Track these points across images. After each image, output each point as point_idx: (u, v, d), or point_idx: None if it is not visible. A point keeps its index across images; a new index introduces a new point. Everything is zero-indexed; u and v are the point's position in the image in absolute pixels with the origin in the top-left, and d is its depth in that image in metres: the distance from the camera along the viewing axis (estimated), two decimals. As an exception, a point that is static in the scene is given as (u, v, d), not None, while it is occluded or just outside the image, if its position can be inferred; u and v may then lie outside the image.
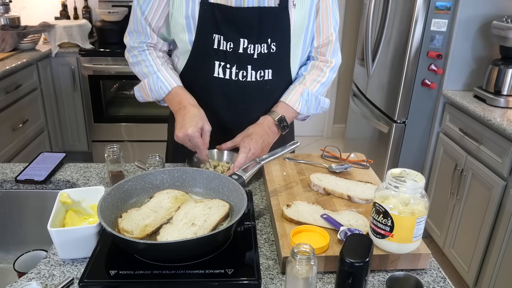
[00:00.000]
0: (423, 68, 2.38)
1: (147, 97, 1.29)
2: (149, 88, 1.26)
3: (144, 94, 1.29)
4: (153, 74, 1.25)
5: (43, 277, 0.85)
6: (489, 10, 2.23)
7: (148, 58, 1.27)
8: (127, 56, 1.32)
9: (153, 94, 1.26)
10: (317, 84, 1.31)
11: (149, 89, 1.26)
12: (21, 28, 3.02)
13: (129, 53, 1.31)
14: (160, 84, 1.24)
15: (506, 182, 1.89)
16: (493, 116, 1.99)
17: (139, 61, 1.28)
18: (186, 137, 1.14)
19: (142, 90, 1.29)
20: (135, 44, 1.28)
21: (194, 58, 1.25)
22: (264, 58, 1.23)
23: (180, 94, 1.23)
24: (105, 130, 3.26)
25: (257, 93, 1.27)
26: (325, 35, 1.30)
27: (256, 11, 1.18)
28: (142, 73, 1.28)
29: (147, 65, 1.27)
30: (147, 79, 1.26)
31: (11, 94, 2.61)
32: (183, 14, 1.19)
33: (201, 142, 1.15)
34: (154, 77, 1.25)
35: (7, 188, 1.22)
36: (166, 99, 1.26)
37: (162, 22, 1.25)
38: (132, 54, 1.30)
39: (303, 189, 1.12)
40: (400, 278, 0.81)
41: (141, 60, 1.28)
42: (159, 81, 1.24)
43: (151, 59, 1.27)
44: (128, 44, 1.30)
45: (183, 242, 0.81)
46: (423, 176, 0.86)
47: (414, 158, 2.60)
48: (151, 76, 1.25)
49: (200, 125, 1.15)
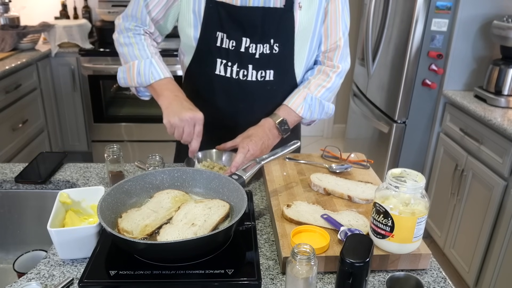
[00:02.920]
0: (424, 68, 2.38)
1: (130, 80, 1.23)
2: (137, 71, 1.21)
3: (128, 76, 1.24)
4: (146, 59, 1.21)
5: (43, 277, 0.85)
6: (489, 10, 2.23)
7: (142, 43, 1.24)
8: (117, 36, 1.27)
9: (140, 78, 1.21)
10: (322, 89, 1.30)
11: (136, 72, 1.21)
12: (21, 28, 3.02)
13: (121, 34, 1.26)
14: (152, 69, 1.20)
15: (506, 182, 1.89)
16: (494, 116, 1.99)
17: (132, 42, 1.24)
18: (181, 123, 1.11)
19: (128, 72, 1.24)
20: (130, 26, 1.25)
21: (198, 55, 1.25)
22: (265, 59, 1.23)
23: (175, 85, 1.21)
24: (105, 130, 3.26)
25: (258, 93, 1.27)
26: (333, 40, 1.29)
27: (260, 10, 1.17)
28: (132, 55, 1.23)
29: (139, 49, 1.23)
30: (137, 61, 1.22)
31: (11, 94, 2.61)
32: (191, 9, 1.19)
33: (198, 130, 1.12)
34: (147, 62, 1.21)
35: (7, 188, 1.22)
36: (153, 85, 1.21)
37: (161, 15, 1.24)
38: (125, 35, 1.25)
39: (303, 189, 1.11)
40: (400, 278, 0.81)
41: (134, 42, 1.24)
42: (152, 66, 1.20)
43: (146, 45, 1.24)
44: (122, 26, 1.26)
45: (183, 242, 0.81)
46: (423, 176, 0.86)
47: (415, 158, 2.60)
48: (143, 60, 1.21)
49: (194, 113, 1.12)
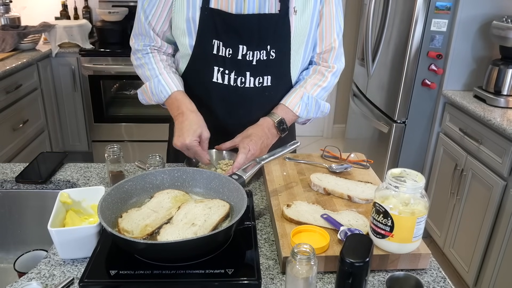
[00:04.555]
0: (423, 68, 2.38)
1: (150, 100, 1.29)
2: (151, 92, 1.26)
3: (147, 97, 1.29)
4: (155, 78, 1.25)
5: (43, 277, 0.85)
6: (489, 10, 2.23)
7: (151, 61, 1.27)
8: (132, 58, 1.32)
9: (155, 97, 1.26)
10: (317, 88, 1.30)
11: (150, 93, 1.26)
12: (22, 28, 3.02)
13: (134, 56, 1.31)
14: (160, 88, 1.23)
15: (506, 182, 1.90)
16: (493, 116, 2.00)
17: (142, 64, 1.28)
18: (184, 147, 1.14)
19: (145, 93, 1.29)
20: (139, 47, 1.29)
21: (194, 62, 1.25)
22: (263, 65, 1.23)
23: (179, 99, 1.22)
24: (105, 130, 3.26)
25: (256, 99, 1.27)
26: (327, 42, 1.29)
27: (256, 18, 1.17)
28: (144, 76, 1.28)
29: (149, 68, 1.27)
30: (148, 82, 1.26)
31: (12, 94, 2.62)
32: (184, 18, 1.19)
33: (200, 150, 1.15)
34: (156, 81, 1.24)
35: (7, 188, 1.22)
36: (166, 103, 1.26)
37: (166, 27, 1.25)
38: (136, 57, 1.30)
39: (303, 189, 1.12)
40: (400, 278, 0.81)
41: (144, 63, 1.28)
42: (160, 84, 1.23)
43: (154, 62, 1.27)
44: (133, 47, 1.31)
45: (183, 242, 0.81)
46: (423, 176, 0.86)
47: (414, 158, 2.60)
48: (152, 80, 1.25)
49: (198, 133, 1.15)
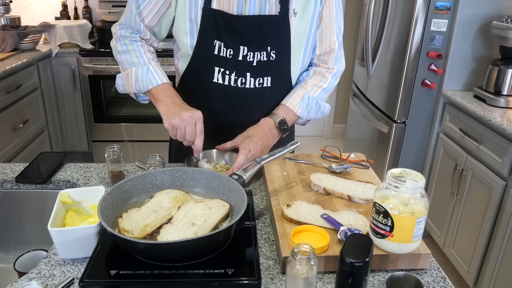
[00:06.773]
0: (423, 68, 2.38)
1: (129, 87, 1.25)
2: (135, 78, 1.22)
3: (127, 83, 1.25)
4: (144, 65, 1.22)
5: (43, 277, 0.85)
6: (489, 10, 2.23)
7: (139, 50, 1.25)
8: (115, 44, 1.28)
9: (138, 85, 1.22)
10: (318, 89, 1.31)
11: (135, 79, 1.22)
12: (22, 28, 3.02)
13: (117, 42, 1.26)
14: (150, 76, 1.21)
15: (506, 182, 1.90)
16: (493, 116, 2.00)
17: (129, 49, 1.24)
18: (183, 123, 1.11)
19: (126, 79, 1.25)
20: (126, 33, 1.26)
21: (195, 63, 1.25)
22: (263, 66, 1.23)
23: (172, 90, 1.21)
24: (106, 130, 3.26)
25: (256, 100, 1.27)
26: (327, 43, 1.30)
27: (257, 19, 1.18)
28: (130, 62, 1.24)
29: (137, 55, 1.24)
30: (135, 68, 1.23)
31: (12, 94, 2.62)
32: (187, 18, 1.19)
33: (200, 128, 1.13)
34: (145, 68, 1.22)
35: (7, 188, 1.22)
36: (152, 91, 1.22)
37: (155, 23, 1.24)
38: (123, 43, 1.26)
39: (303, 189, 1.12)
40: (400, 278, 0.81)
41: (131, 49, 1.24)
42: (149, 73, 1.21)
43: (143, 51, 1.25)
44: (118, 33, 1.27)
45: (183, 242, 0.81)
46: (423, 176, 0.86)
47: (414, 158, 2.60)
48: (141, 67, 1.22)
49: (193, 112, 1.13)
